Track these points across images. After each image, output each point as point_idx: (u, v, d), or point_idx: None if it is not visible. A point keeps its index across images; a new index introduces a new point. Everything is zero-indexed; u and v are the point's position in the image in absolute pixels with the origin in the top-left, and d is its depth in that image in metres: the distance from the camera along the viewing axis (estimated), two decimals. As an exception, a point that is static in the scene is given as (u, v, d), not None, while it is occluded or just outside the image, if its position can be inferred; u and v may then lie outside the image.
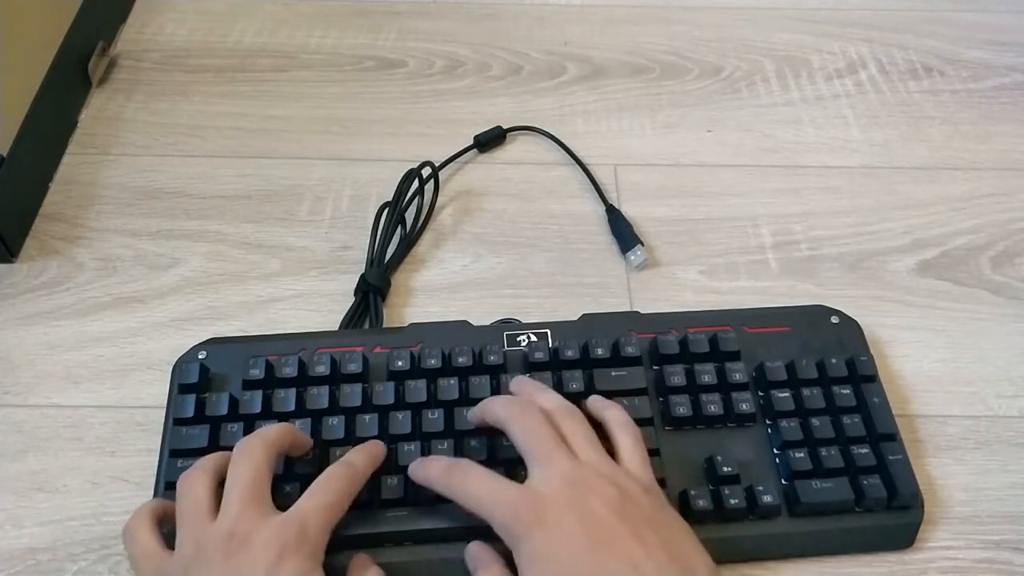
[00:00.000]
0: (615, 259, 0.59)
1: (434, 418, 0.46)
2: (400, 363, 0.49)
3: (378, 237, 0.57)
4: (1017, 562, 0.46)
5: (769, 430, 0.48)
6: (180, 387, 0.48)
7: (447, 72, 0.71)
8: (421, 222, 0.60)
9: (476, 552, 0.42)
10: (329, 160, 0.64)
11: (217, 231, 0.60)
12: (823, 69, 0.73)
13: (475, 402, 0.47)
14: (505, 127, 0.66)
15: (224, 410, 0.47)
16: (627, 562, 0.36)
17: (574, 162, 0.64)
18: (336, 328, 0.54)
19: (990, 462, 0.50)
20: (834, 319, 0.53)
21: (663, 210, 0.62)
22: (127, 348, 0.53)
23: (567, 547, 0.36)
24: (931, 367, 0.54)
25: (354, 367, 0.49)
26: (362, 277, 0.55)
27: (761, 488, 0.45)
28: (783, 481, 0.46)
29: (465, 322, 0.53)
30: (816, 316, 0.53)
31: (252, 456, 0.40)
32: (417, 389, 0.48)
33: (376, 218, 0.58)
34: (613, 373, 0.48)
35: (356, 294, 0.55)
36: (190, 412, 0.46)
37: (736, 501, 0.44)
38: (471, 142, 0.65)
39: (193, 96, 0.68)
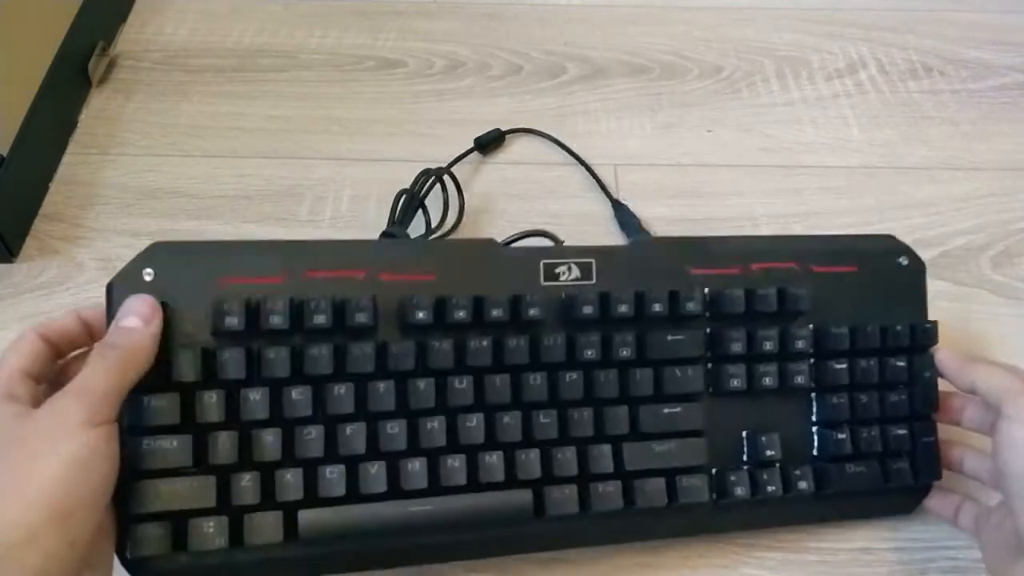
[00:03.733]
0: (615, 259, 0.59)
1: (462, 387, 0.41)
2: (421, 315, 0.41)
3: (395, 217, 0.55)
4: (1017, 562, 0.46)
5: (814, 404, 0.47)
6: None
7: (447, 72, 0.71)
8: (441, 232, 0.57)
9: None
10: (329, 160, 0.64)
11: (217, 231, 0.60)
12: (823, 69, 0.73)
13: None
14: (505, 127, 0.66)
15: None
16: None
17: (575, 162, 0.64)
18: None
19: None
20: (902, 260, 0.49)
21: (663, 210, 0.62)
22: (127, 348, 0.53)
23: None
24: (931, 367, 0.54)
25: (363, 318, 0.40)
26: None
27: (798, 473, 0.45)
28: (814, 454, 0.46)
29: (491, 240, 0.46)
30: (884, 255, 0.49)
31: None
32: (444, 351, 0.41)
33: (393, 205, 0.56)
34: (669, 338, 0.44)
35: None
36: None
37: (773, 488, 0.44)
38: (471, 142, 0.65)
39: (193, 96, 0.68)
